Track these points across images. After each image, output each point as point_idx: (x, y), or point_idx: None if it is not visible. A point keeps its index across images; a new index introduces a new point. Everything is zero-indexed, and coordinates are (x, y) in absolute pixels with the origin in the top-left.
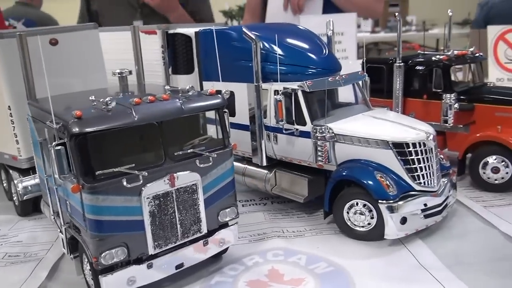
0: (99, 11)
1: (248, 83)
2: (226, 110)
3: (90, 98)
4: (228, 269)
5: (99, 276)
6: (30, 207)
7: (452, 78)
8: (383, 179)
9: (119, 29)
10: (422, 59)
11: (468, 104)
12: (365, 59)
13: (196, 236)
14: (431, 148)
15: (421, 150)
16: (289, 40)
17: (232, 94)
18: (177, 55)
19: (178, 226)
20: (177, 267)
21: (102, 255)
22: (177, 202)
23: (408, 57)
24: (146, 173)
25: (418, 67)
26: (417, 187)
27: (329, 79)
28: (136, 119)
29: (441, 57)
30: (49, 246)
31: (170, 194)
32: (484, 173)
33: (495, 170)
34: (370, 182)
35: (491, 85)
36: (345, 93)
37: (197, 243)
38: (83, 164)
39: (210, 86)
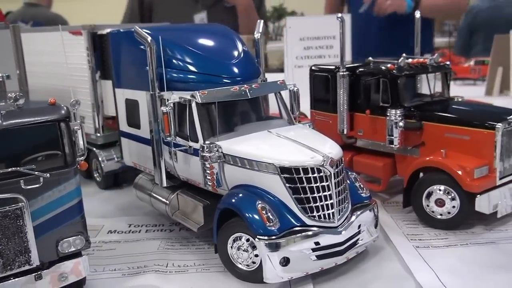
0: (154, 3)
1: (147, 92)
2: (79, 123)
3: None
4: None
5: None
6: None
7: (418, 90)
8: (264, 211)
9: (47, 30)
10: (370, 69)
11: (415, 122)
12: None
13: (24, 268)
14: (330, 175)
15: (314, 177)
16: (198, 44)
17: (136, 103)
18: (106, 58)
19: None
20: None
21: None
22: None
23: (357, 66)
24: None
25: (363, 77)
26: (308, 221)
27: (232, 89)
28: None
29: (389, 66)
30: None
31: None
32: (427, 205)
33: (440, 202)
34: (249, 214)
35: (458, 100)
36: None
37: (25, 277)
38: None
39: (121, 93)
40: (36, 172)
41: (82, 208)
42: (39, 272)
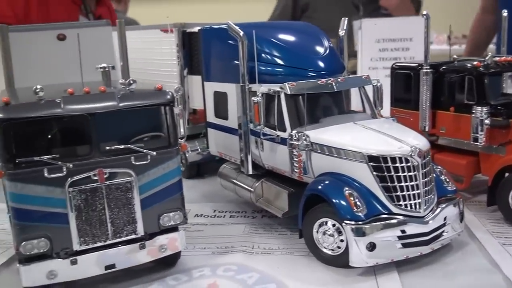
0: (312, 4)
1: (236, 84)
2: (181, 108)
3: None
4: (171, 279)
5: (18, 264)
6: None
7: (505, 89)
8: (351, 197)
9: (139, 28)
10: (454, 66)
11: (502, 120)
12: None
13: (130, 237)
14: (417, 166)
15: (402, 167)
16: (286, 39)
17: (225, 95)
18: (194, 55)
19: (109, 224)
20: (107, 267)
21: (22, 244)
22: (107, 199)
23: (440, 64)
24: (71, 165)
25: (447, 75)
26: (395, 210)
27: (319, 82)
28: (63, 109)
29: (475, 63)
30: None
31: (99, 189)
32: None
33: None
34: (336, 199)
35: None
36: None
37: (132, 245)
38: (5, 150)
39: (209, 87)
40: (144, 150)
41: (181, 186)
42: (143, 242)
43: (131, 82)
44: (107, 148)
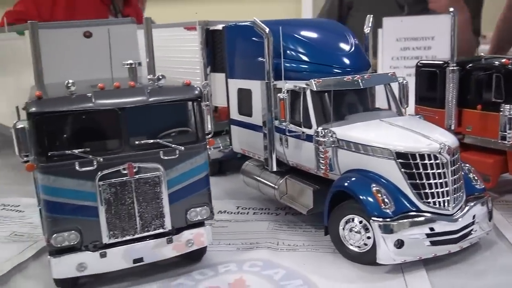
0: (356, 3)
1: (261, 81)
2: (209, 103)
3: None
4: (197, 273)
5: (48, 256)
6: None
7: None
8: (379, 194)
9: (162, 26)
10: (482, 64)
11: None
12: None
13: (158, 231)
14: (446, 163)
15: (431, 164)
16: (311, 36)
17: (249, 92)
18: (217, 52)
19: (137, 218)
20: (135, 261)
21: (53, 236)
22: (136, 193)
23: (467, 61)
24: (101, 159)
25: (475, 73)
26: (423, 207)
27: (345, 78)
28: (94, 104)
29: (503, 60)
30: None
31: (128, 183)
32: None
33: None
34: (364, 196)
35: None
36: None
37: (159, 239)
38: (38, 143)
39: (233, 84)
40: (173, 145)
41: (208, 181)
42: (170, 236)
43: (160, 77)
44: (137, 142)
